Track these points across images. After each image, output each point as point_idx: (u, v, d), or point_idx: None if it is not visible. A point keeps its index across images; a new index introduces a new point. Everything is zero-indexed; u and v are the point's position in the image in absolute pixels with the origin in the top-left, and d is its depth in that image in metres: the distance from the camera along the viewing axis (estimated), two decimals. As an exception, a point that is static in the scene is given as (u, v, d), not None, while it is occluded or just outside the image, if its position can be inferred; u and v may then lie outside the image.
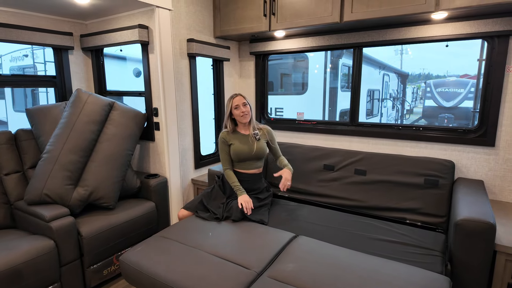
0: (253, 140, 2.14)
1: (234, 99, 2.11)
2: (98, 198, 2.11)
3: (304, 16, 2.31)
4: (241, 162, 2.15)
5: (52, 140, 2.07)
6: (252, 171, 2.19)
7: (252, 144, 2.13)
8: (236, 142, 2.12)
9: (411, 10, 1.93)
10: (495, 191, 2.14)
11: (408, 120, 9.71)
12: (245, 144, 2.12)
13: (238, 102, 2.09)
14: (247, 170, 2.18)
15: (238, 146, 2.11)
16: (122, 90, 2.83)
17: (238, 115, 2.11)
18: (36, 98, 5.27)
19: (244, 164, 2.16)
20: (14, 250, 1.67)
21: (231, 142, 2.13)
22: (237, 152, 2.11)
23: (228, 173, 2.14)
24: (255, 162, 2.19)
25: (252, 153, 2.13)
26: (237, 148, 2.11)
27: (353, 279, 1.38)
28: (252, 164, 2.18)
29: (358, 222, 1.99)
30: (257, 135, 2.16)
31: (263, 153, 2.19)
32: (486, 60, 2.09)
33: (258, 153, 2.15)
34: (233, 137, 2.15)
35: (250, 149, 2.12)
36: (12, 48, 5.17)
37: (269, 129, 2.27)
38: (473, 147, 2.17)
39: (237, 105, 2.10)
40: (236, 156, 2.12)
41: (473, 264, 1.50)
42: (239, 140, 2.13)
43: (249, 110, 2.12)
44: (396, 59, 8.68)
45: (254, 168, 2.19)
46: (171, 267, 1.52)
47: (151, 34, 2.34)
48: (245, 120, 2.12)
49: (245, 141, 2.14)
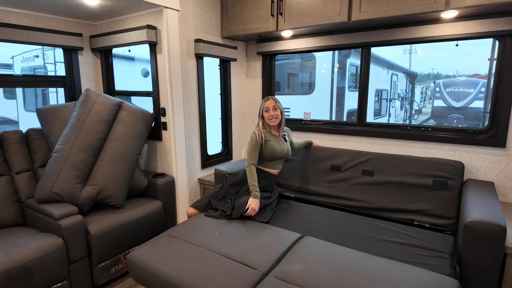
0: (282, 140, 2.23)
1: (266, 102, 2.17)
2: (106, 196, 2.13)
3: (311, 16, 2.30)
4: (271, 161, 2.20)
5: (61, 139, 2.10)
6: (275, 171, 2.25)
7: (283, 145, 2.22)
8: (271, 140, 2.17)
9: (420, 9, 1.91)
10: (506, 193, 2.10)
11: (416, 120, 9.59)
12: (278, 143, 2.19)
13: (269, 105, 2.15)
14: (272, 170, 2.23)
15: (274, 144, 2.16)
16: (130, 90, 2.86)
17: (267, 118, 2.17)
18: (47, 98, 5.36)
19: (273, 163, 2.21)
20: (24, 247, 1.71)
21: (268, 139, 2.15)
22: (273, 150, 2.15)
23: (252, 169, 2.08)
24: (280, 162, 2.27)
25: (283, 152, 2.20)
26: (273, 147, 2.15)
27: (360, 281, 1.37)
28: (279, 164, 2.26)
29: (365, 223, 1.98)
30: (286, 136, 2.27)
31: (290, 154, 2.29)
32: (498, 59, 2.06)
33: (287, 153, 2.25)
34: (269, 135, 2.19)
35: (282, 149, 2.19)
36: (24, 49, 5.26)
37: (288, 129, 2.46)
38: (483, 148, 2.14)
39: (267, 108, 2.15)
40: (271, 154, 2.15)
41: (483, 267, 1.47)
42: (273, 139, 2.19)
43: (278, 114, 2.17)
44: (404, 59, 8.57)
45: (278, 168, 2.26)
46: (178, 266, 1.53)
47: (159, 34, 2.36)
48: (273, 123, 2.18)
49: (277, 140, 2.21)
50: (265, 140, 2.14)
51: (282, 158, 2.24)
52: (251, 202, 1.99)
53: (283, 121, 2.24)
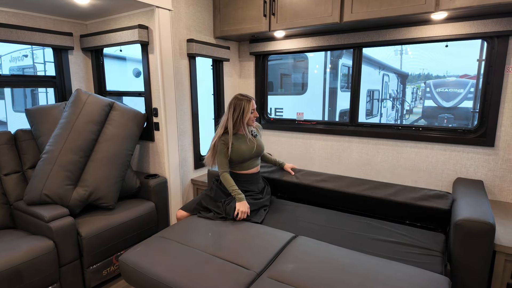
0: (251, 138, 2.15)
1: (251, 102, 2.11)
2: (97, 198, 2.10)
3: (304, 17, 2.32)
4: (242, 163, 2.14)
5: (51, 140, 2.07)
6: (251, 171, 2.18)
7: (252, 142, 2.14)
8: (236, 142, 2.10)
9: (411, 10, 1.93)
10: (495, 191, 2.14)
11: (407, 120, 9.71)
12: (244, 143, 2.12)
13: (253, 106, 2.15)
14: (247, 171, 2.17)
15: (240, 146, 2.09)
16: (122, 90, 2.83)
17: (252, 119, 2.15)
18: (36, 98, 5.27)
19: (245, 164, 2.15)
20: (13, 250, 1.67)
21: (232, 142, 2.08)
22: (240, 152, 2.09)
23: (226, 176, 2.07)
24: (255, 160, 2.20)
25: (253, 151, 2.13)
26: (239, 148, 2.08)
27: (352, 279, 1.38)
28: (253, 163, 2.18)
29: (357, 222, 1.99)
30: (253, 132, 2.20)
31: (263, 149, 2.22)
32: (486, 60, 2.10)
33: (259, 150, 2.17)
34: (234, 138, 2.11)
35: (251, 147, 2.12)
36: (12, 48, 5.17)
37: (258, 123, 2.35)
38: (472, 147, 2.18)
39: (253, 110, 2.15)
40: (239, 156, 2.10)
41: (473, 264, 1.50)
42: (238, 140, 2.12)
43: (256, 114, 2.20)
44: (396, 59, 8.66)
45: (254, 167, 2.19)
46: (171, 268, 1.52)
47: (151, 34, 2.34)
48: (254, 123, 2.18)
49: (243, 140, 2.13)
50: (228, 145, 2.07)
51: (252, 158, 2.15)
52: (238, 206, 1.97)
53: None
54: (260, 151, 2.20)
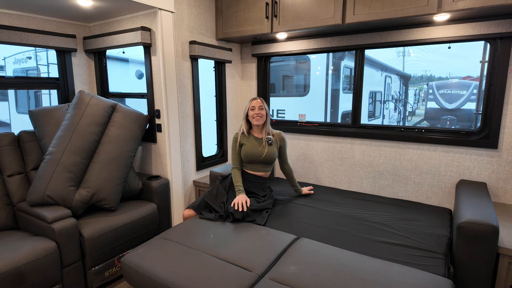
0: (265, 145, 2.20)
1: (253, 101, 2.20)
2: (100, 199, 2.11)
3: (306, 18, 2.32)
4: (250, 164, 2.22)
5: (54, 141, 2.08)
6: (258, 173, 2.25)
7: (263, 149, 2.19)
8: (248, 143, 2.20)
9: (414, 12, 1.93)
10: (498, 194, 2.13)
11: (410, 122, 9.68)
12: (256, 147, 2.19)
13: (255, 105, 2.18)
14: (254, 172, 2.24)
15: (249, 148, 2.19)
16: (124, 92, 2.84)
17: (251, 116, 2.19)
18: (39, 100, 5.30)
19: (252, 165, 2.22)
20: (16, 251, 1.68)
21: (243, 142, 2.22)
22: (246, 154, 2.19)
23: (235, 172, 2.19)
24: (263, 166, 2.24)
25: (261, 157, 2.18)
26: (247, 150, 2.19)
27: (355, 282, 1.38)
28: (260, 168, 2.24)
29: (360, 224, 1.99)
30: (269, 140, 2.22)
31: (272, 159, 2.24)
32: (489, 62, 2.09)
33: (267, 158, 2.20)
34: (246, 138, 2.23)
35: (259, 153, 2.18)
36: (16, 50, 5.20)
37: (283, 137, 2.33)
38: (475, 149, 2.16)
39: (253, 107, 2.19)
40: (246, 157, 2.20)
41: (476, 267, 1.49)
42: (251, 142, 2.21)
43: (263, 114, 2.20)
44: (398, 61, 8.66)
45: (261, 171, 2.25)
46: (173, 269, 1.52)
47: (153, 36, 2.35)
48: (258, 122, 2.19)
49: (256, 144, 2.20)
50: (240, 144, 2.21)
51: (260, 163, 2.22)
52: (237, 199, 2.02)
53: (268, 123, 2.25)
54: (269, 160, 2.23)
